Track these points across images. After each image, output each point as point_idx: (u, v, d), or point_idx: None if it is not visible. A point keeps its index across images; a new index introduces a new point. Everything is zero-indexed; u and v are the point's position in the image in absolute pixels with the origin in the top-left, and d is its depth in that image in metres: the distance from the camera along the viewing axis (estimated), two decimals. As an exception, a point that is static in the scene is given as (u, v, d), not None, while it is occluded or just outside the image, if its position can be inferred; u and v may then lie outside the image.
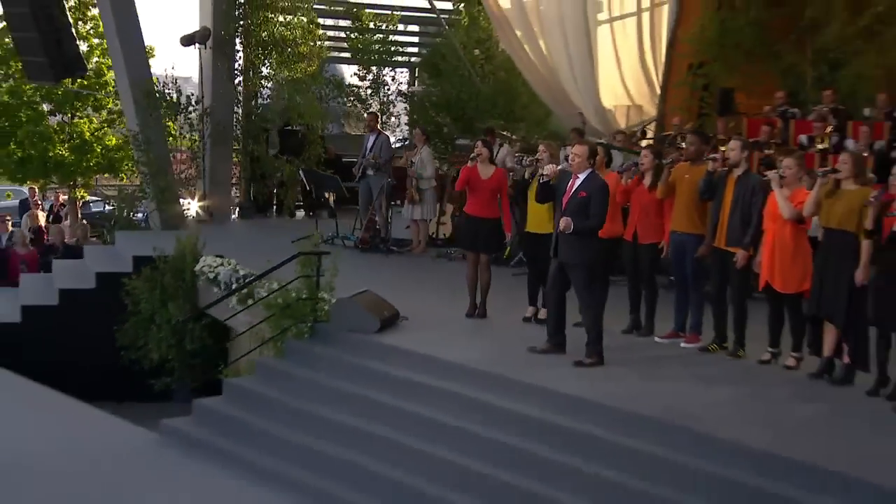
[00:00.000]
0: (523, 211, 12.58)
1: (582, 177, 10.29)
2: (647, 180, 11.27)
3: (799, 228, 9.93)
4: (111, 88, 25.44)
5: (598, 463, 8.38)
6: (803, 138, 16.73)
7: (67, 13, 19.82)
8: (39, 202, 27.10)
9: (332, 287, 12.05)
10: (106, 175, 30.64)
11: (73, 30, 20.77)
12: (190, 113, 20.88)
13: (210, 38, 20.51)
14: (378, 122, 20.01)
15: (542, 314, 11.98)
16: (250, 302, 13.51)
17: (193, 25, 22.31)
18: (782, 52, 19.27)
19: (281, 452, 10.43)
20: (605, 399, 9.11)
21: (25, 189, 35.02)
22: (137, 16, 20.13)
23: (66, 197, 29.38)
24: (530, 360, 10.33)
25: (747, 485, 7.43)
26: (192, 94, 21.31)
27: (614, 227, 11.52)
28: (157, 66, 23.80)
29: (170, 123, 21.85)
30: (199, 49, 20.80)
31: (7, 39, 26.86)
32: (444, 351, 10.93)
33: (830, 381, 9.46)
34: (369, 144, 18.05)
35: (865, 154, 14.32)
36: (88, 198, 31.55)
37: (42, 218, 24.76)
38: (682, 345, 11.02)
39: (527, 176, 12.45)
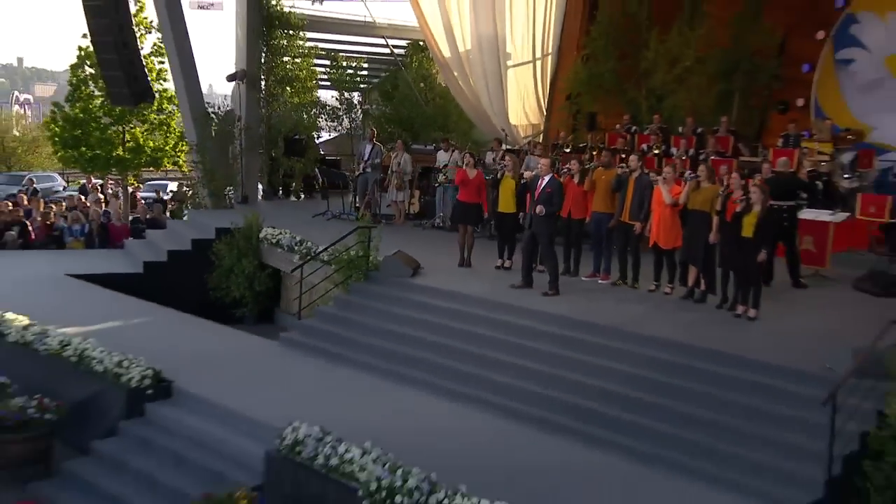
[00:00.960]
0: (495, 198, 14.75)
1: (546, 179, 12.80)
2: (576, 179, 13.60)
3: (674, 209, 12.21)
4: (156, 106, 25.62)
5: (570, 350, 10.96)
6: (644, 147, 18.57)
7: (142, 57, 20.02)
8: (98, 188, 28.22)
9: (377, 248, 13.99)
10: (151, 168, 30.91)
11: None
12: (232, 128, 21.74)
13: (245, 76, 21.63)
14: (375, 136, 20.55)
15: (507, 264, 14.46)
16: (296, 256, 15.53)
17: (227, 63, 24.38)
18: (627, 89, 20.89)
19: (359, 351, 12.40)
20: (567, 313, 11.83)
21: (54, 174, 35.73)
22: (194, 59, 21.13)
23: (112, 184, 30.52)
24: (512, 293, 12.83)
25: (665, 360, 10.24)
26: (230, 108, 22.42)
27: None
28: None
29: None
30: (238, 83, 21.81)
31: (80, 71, 27.41)
32: (455, 286, 13.31)
33: (693, 300, 12.23)
34: (367, 151, 19.21)
35: (684, 158, 17.15)
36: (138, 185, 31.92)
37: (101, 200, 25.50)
38: (600, 281, 13.57)
39: (499, 176, 14.73)
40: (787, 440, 8.65)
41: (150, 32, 24.67)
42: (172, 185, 34.57)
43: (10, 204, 22.51)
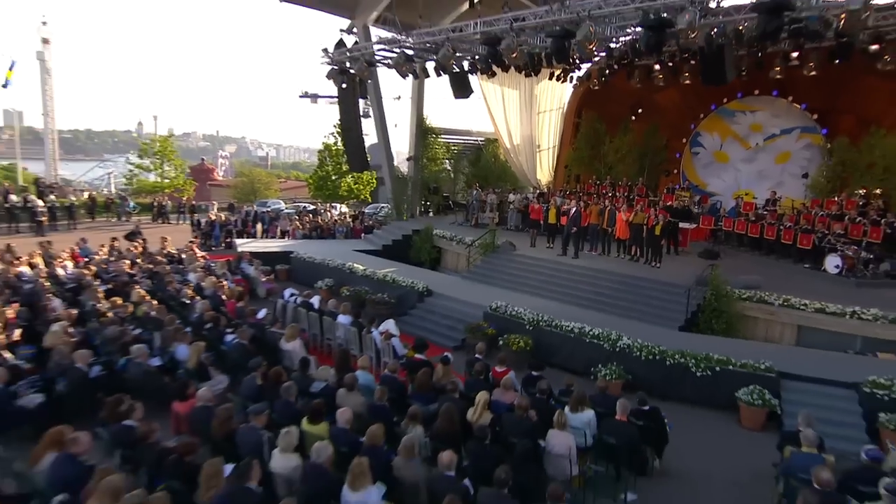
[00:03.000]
0: (546, 215, 16.21)
1: (574, 208, 14.65)
2: (574, 208, 14.84)
3: (626, 222, 14.33)
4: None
5: (580, 276, 13.52)
6: (606, 191, 19.34)
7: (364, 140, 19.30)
8: (335, 209, 29.11)
9: (496, 237, 15.98)
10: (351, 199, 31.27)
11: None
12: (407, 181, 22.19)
13: (413, 158, 22.42)
14: (475, 184, 21.54)
15: (551, 245, 15.81)
16: (454, 243, 17.29)
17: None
18: (594, 163, 21.56)
19: (494, 279, 14.46)
20: (579, 264, 14.22)
21: (279, 201, 35.42)
22: (389, 138, 21.68)
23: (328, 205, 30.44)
24: (555, 257, 14.82)
25: (620, 280, 12.82)
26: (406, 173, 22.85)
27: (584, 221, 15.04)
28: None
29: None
30: (411, 160, 22.40)
31: (323, 153, 30.26)
32: (530, 254, 15.44)
33: (634, 261, 14.11)
34: (473, 193, 20.44)
35: (622, 197, 17.96)
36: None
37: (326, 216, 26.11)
38: (593, 253, 15.21)
39: (549, 205, 16.27)
40: (671, 307, 11.41)
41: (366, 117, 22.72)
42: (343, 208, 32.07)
43: (309, 216, 24.27)
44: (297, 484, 5.03)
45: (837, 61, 13.19)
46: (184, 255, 15.72)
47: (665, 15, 9.36)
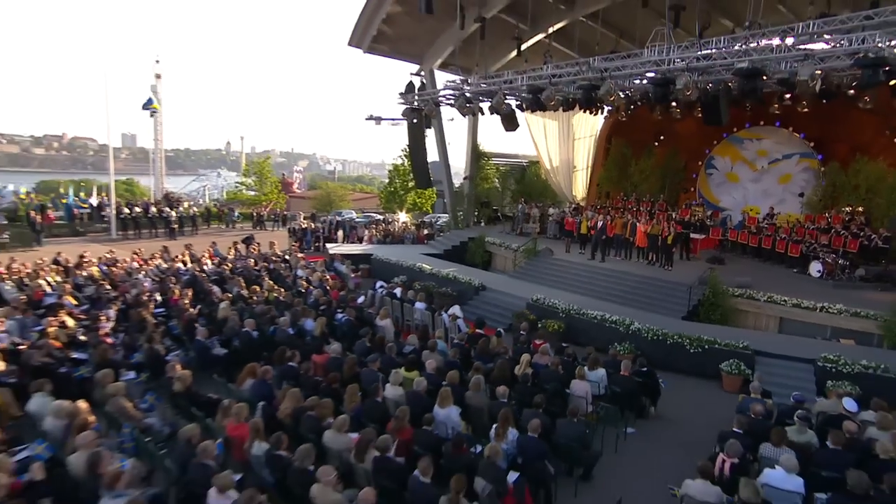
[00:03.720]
0: (579, 226, 17.32)
1: (601, 222, 15.96)
2: (601, 221, 16.17)
3: (644, 233, 15.39)
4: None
5: (606, 276, 14.76)
6: (631, 206, 20.16)
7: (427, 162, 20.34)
8: (394, 219, 29.06)
9: (537, 244, 17.23)
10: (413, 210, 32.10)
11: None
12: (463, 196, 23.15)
13: (469, 177, 23.28)
14: (521, 199, 22.43)
15: (583, 251, 16.93)
16: (502, 249, 18.53)
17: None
18: (622, 182, 22.21)
19: (535, 278, 15.70)
20: (606, 266, 15.51)
21: (352, 211, 35.91)
22: (448, 160, 22.76)
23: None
24: (586, 261, 16.11)
25: (638, 280, 14.14)
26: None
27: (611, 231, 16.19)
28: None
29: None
30: (467, 179, 23.29)
31: (392, 172, 32.33)
32: (565, 258, 16.75)
33: (651, 265, 15.22)
34: (519, 207, 21.43)
35: (644, 211, 18.86)
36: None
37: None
38: (617, 258, 16.21)
39: (581, 219, 17.51)
40: (676, 301, 12.74)
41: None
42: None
43: (382, 224, 25.67)
44: (403, 404, 7.03)
45: (824, 101, 14.10)
46: (288, 256, 18.07)
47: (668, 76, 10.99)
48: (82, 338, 9.18)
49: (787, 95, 14.97)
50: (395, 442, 5.83)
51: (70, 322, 9.55)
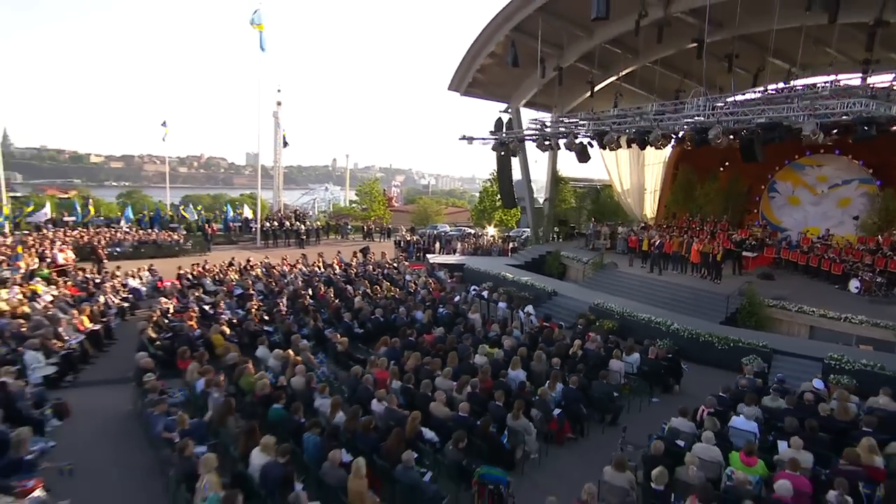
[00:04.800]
0: (641, 244, 19.18)
1: (660, 240, 17.80)
2: (659, 239, 18.25)
3: (697, 251, 17.03)
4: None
5: (662, 285, 16.52)
6: (695, 226, 21.66)
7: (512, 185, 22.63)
8: (483, 233, 31.55)
9: (604, 258, 19.40)
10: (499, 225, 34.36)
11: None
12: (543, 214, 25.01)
13: (549, 198, 25.05)
14: (594, 219, 23.92)
15: (644, 266, 18.61)
16: (575, 261, 20.31)
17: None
18: (688, 204, 22.78)
19: (601, 286, 17.66)
20: (662, 278, 17.12)
21: (445, 225, 40.16)
22: (531, 181, 25.41)
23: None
24: (646, 273, 17.89)
25: (690, 291, 16.31)
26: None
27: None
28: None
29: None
30: (548, 201, 25.15)
31: (483, 192, 35.46)
32: (628, 271, 18.38)
33: (703, 279, 16.90)
34: (591, 225, 23.01)
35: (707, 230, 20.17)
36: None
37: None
38: (674, 272, 18.11)
39: (643, 237, 19.06)
40: (717, 308, 14.46)
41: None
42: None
43: (472, 238, 28.31)
44: (487, 367, 10.02)
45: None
46: (397, 264, 21.64)
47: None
48: (266, 318, 13.02)
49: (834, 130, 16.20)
50: (480, 385, 8.84)
51: (257, 306, 13.49)
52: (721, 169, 23.15)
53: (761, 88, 17.94)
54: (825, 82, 14.54)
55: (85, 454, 7.23)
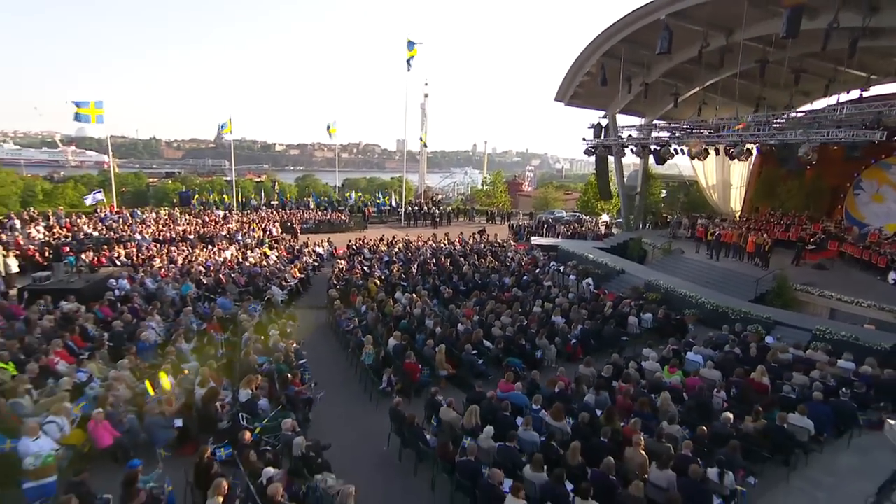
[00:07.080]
0: (706, 234, 21.92)
1: (719, 231, 20.94)
2: (719, 230, 21.20)
3: (752, 242, 19.41)
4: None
5: (716, 274, 19.47)
6: (768, 219, 23.84)
7: (609, 183, 26.90)
8: (591, 219, 34.95)
9: (672, 244, 22.38)
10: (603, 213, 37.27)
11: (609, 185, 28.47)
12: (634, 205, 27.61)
13: (638, 192, 26.96)
14: (677, 211, 26.73)
15: (710, 254, 21.97)
16: (651, 248, 23.28)
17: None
18: (772, 201, 24.02)
19: (666, 269, 20.19)
20: (718, 265, 19.65)
21: (561, 210, 43.89)
22: (625, 180, 29.43)
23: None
24: (706, 260, 20.81)
25: (731, 275, 19.29)
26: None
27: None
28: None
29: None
30: (638, 193, 26.97)
31: (587, 186, 38.54)
32: (694, 257, 20.57)
33: (758, 266, 19.84)
34: (675, 216, 25.63)
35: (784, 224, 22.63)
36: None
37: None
38: (729, 259, 22.03)
39: (707, 227, 23.08)
40: (750, 288, 16.46)
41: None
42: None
43: (574, 224, 31.93)
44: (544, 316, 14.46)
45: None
46: (504, 244, 26.18)
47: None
48: (403, 276, 18.58)
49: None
50: (527, 321, 13.37)
51: (397, 268, 19.16)
52: (808, 167, 24.12)
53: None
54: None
55: (308, 345, 13.16)
